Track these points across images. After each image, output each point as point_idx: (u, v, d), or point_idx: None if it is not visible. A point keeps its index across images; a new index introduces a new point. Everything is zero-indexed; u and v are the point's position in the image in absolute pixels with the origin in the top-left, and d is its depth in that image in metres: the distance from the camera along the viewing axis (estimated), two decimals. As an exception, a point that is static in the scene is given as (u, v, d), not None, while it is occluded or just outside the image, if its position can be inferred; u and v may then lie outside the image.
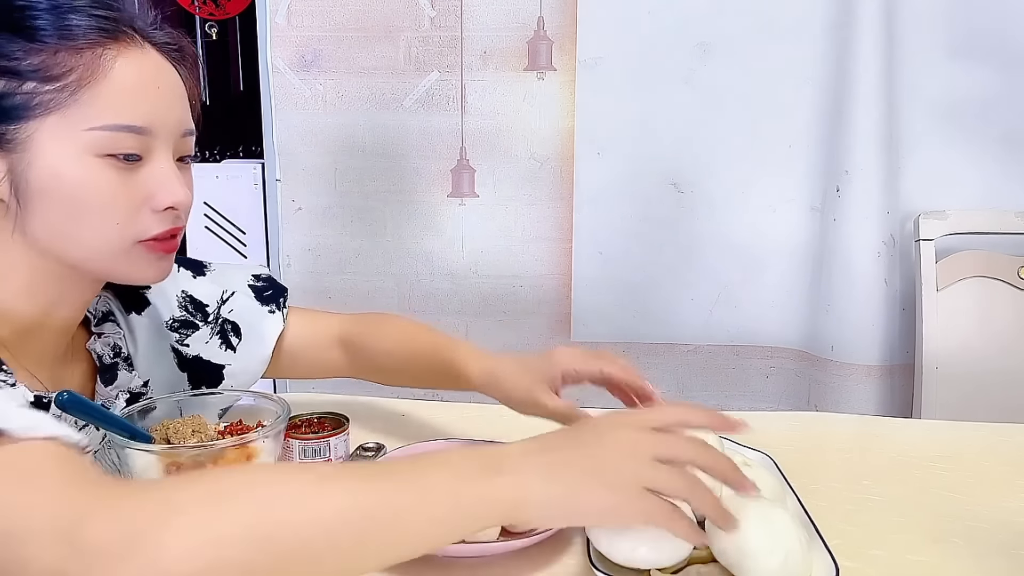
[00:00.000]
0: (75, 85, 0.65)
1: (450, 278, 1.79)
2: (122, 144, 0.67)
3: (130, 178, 0.68)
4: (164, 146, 0.70)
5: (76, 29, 0.66)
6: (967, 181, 1.61)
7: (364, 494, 0.53)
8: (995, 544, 0.72)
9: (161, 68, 0.71)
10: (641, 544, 0.62)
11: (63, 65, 0.65)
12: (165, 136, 0.70)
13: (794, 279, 1.70)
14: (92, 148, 0.66)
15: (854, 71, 1.57)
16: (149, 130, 0.68)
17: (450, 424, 1.02)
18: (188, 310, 0.89)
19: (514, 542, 0.68)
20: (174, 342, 0.87)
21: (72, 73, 0.65)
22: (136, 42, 0.69)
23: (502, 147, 1.73)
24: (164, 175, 0.70)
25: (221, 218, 2.02)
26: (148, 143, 0.69)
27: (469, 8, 1.69)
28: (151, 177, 0.69)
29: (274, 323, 0.93)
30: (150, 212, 0.70)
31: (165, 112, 0.70)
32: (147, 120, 0.68)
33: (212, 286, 0.91)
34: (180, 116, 0.72)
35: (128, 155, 0.67)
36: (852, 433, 1.08)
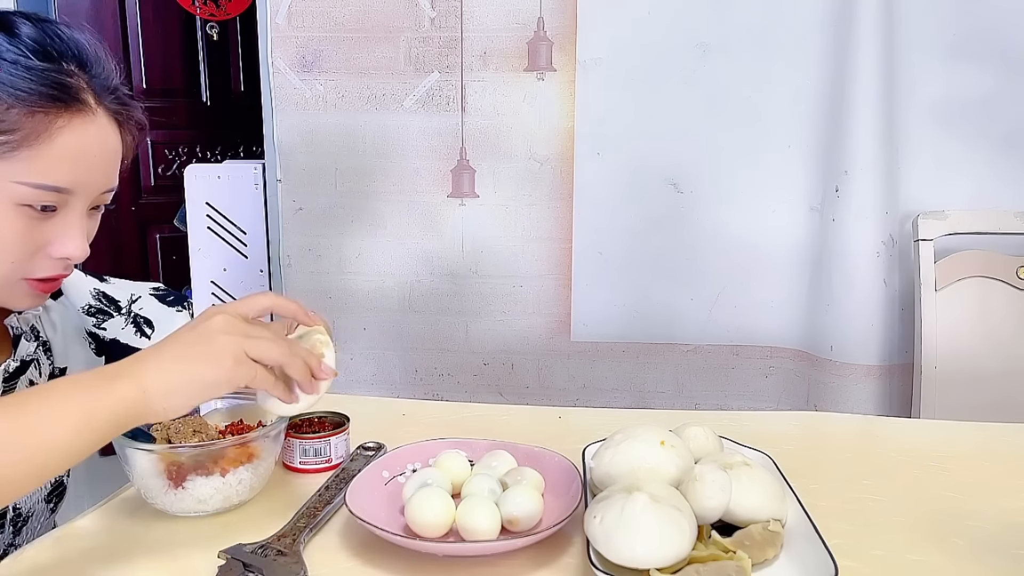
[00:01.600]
0: (16, 144, 0.68)
1: (450, 278, 1.79)
2: (42, 199, 0.70)
3: (38, 225, 0.72)
4: (80, 203, 0.74)
5: (32, 93, 0.68)
6: (966, 181, 1.62)
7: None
8: (995, 544, 0.72)
9: (105, 135, 0.74)
10: (640, 544, 0.62)
11: (13, 123, 0.68)
12: (84, 196, 0.74)
13: (793, 279, 1.70)
14: (13, 198, 0.69)
15: (854, 71, 1.57)
16: (71, 191, 0.72)
17: (450, 424, 1.02)
18: (102, 301, 0.96)
19: (514, 542, 0.68)
20: (91, 326, 0.94)
21: (18, 132, 0.68)
22: (88, 109, 0.72)
23: (502, 147, 1.73)
24: (69, 227, 0.73)
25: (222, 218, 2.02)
26: (66, 199, 0.72)
27: (469, 8, 1.69)
28: (56, 227, 0.73)
29: (183, 319, 1.00)
30: (44, 256, 0.74)
31: (94, 178, 0.74)
32: (73, 183, 0.72)
33: (119, 290, 0.99)
34: (106, 179, 0.76)
35: (44, 206, 0.71)
36: (852, 433, 1.08)
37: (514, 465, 0.80)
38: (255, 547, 0.68)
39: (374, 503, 0.74)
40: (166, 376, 0.64)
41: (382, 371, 1.82)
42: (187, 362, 0.65)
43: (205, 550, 0.68)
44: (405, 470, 0.81)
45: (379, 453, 0.88)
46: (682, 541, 0.63)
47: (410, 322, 1.81)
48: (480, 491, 0.73)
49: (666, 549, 0.62)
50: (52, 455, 0.60)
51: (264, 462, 0.78)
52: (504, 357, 1.80)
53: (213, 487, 0.74)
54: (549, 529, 0.68)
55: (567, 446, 0.83)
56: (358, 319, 1.82)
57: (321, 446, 0.85)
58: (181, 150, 2.86)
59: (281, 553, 0.67)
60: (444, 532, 0.70)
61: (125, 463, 0.75)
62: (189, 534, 0.73)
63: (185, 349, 0.65)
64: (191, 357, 0.65)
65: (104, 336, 0.94)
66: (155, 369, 0.64)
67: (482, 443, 0.85)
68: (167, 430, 0.80)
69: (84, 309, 0.94)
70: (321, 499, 0.77)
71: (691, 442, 0.79)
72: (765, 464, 0.79)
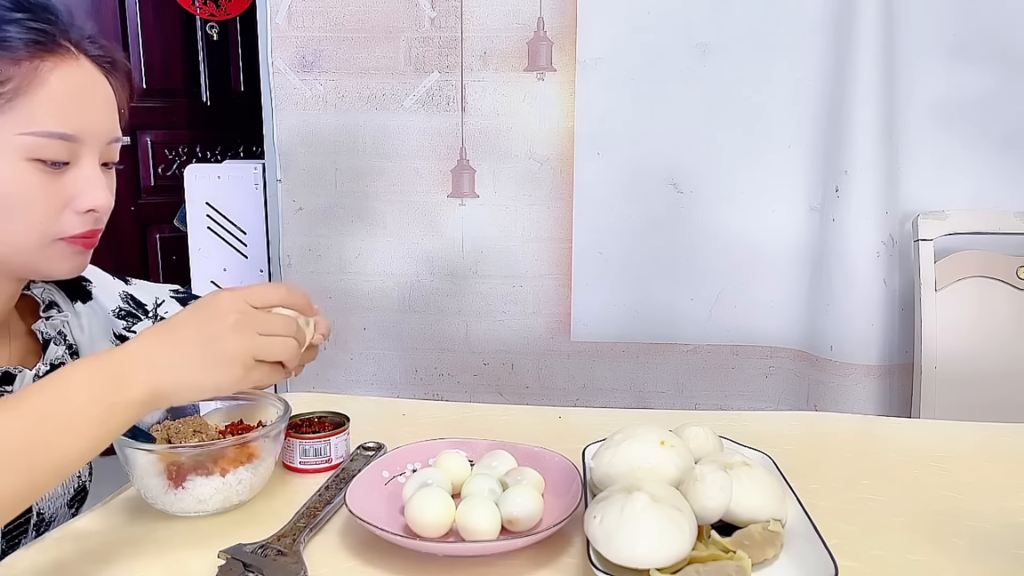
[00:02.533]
0: (11, 93, 0.69)
1: (450, 278, 1.79)
2: (50, 150, 0.71)
3: (55, 181, 0.72)
4: (91, 152, 0.74)
5: (14, 41, 0.70)
6: (966, 181, 1.62)
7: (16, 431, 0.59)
8: (995, 544, 0.72)
9: (94, 79, 0.75)
10: (640, 544, 0.62)
11: (2, 74, 0.69)
12: (92, 143, 0.74)
13: (793, 279, 1.70)
14: (21, 152, 0.70)
15: (854, 71, 1.57)
16: (77, 138, 0.72)
17: (450, 424, 1.02)
18: (130, 304, 0.95)
19: (514, 542, 0.68)
20: (122, 329, 0.93)
21: (10, 82, 0.69)
22: (71, 54, 0.73)
23: (502, 147, 1.73)
24: (87, 179, 0.74)
25: (222, 218, 2.02)
26: (75, 149, 0.73)
27: (469, 9, 1.69)
28: (75, 181, 0.74)
29: None
30: (72, 213, 0.74)
31: (94, 121, 0.74)
32: (76, 128, 0.72)
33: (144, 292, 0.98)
34: (108, 125, 0.76)
35: (55, 161, 0.72)
36: (852, 433, 1.08)
37: (514, 465, 0.80)
38: (255, 547, 0.68)
39: (374, 503, 0.74)
40: (177, 379, 0.64)
41: (382, 371, 1.82)
42: (198, 367, 0.64)
43: (205, 550, 0.68)
44: (405, 470, 0.80)
45: (379, 453, 0.87)
46: (682, 541, 0.63)
47: (410, 322, 1.81)
48: (480, 491, 0.73)
49: (666, 549, 0.62)
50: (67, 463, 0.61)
51: (264, 462, 0.78)
52: (504, 357, 1.80)
53: (213, 487, 0.74)
54: (549, 529, 0.68)
55: (567, 446, 0.83)
56: (358, 319, 1.82)
57: (321, 446, 0.85)
58: (181, 150, 2.87)
59: (281, 553, 0.67)
60: (444, 532, 0.70)
61: (125, 463, 0.75)
62: (189, 534, 0.73)
63: (196, 351, 0.65)
64: (202, 362, 0.65)
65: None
66: (166, 372, 0.64)
67: (482, 443, 0.85)
68: (167, 430, 0.80)
69: (115, 312, 0.93)
70: (321, 499, 0.77)
71: (691, 442, 0.79)
72: (765, 464, 0.79)
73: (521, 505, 0.71)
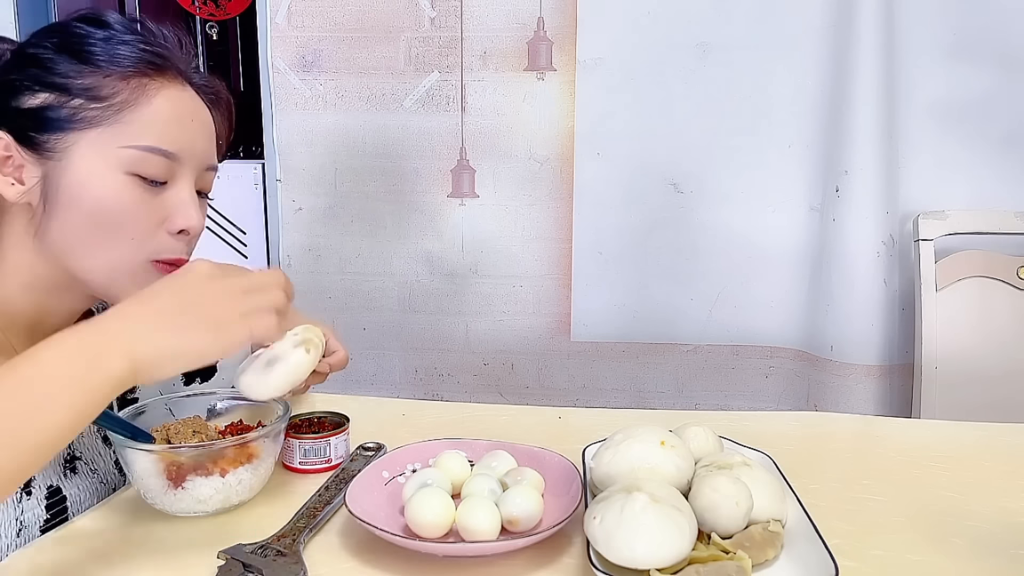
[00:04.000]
0: (119, 106, 0.72)
1: (450, 278, 1.79)
2: (151, 165, 0.73)
3: (152, 199, 0.74)
4: (188, 174, 0.76)
5: (126, 59, 0.73)
6: (966, 181, 1.62)
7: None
8: (995, 544, 0.72)
9: (197, 105, 0.78)
10: (640, 544, 0.62)
11: (111, 87, 0.72)
12: (190, 165, 0.76)
13: (794, 279, 1.70)
14: (123, 165, 0.72)
15: (854, 71, 1.57)
16: (177, 156, 0.74)
17: (450, 424, 1.02)
18: None
19: (514, 542, 0.68)
20: None
21: (118, 96, 0.72)
22: (178, 80, 0.77)
23: (502, 147, 1.73)
24: (183, 200, 0.76)
25: (222, 218, 2.02)
26: (174, 169, 0.75)
27: (469, 8, 1.69)
28: (171, 201, 0.75)
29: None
30: (164, 234, 0.75)
31: (193, 143, 0.76)
32: (177, 147, 0.74)
33: None
34: (207, 149, 0.79)
35: (154, 180, 0.74)
36: (852, 433, 1.08)
37: (514, 465, 0.80)
38: (255, 547, 0.68)
39: (374, 503, 0.74)
40: (157, 348, 0.62)
41: (382, 371, 1.82)
42: (179, 330, 0.62)
43: (205, 550, 0.68)
44: (405, 470, 0.80)
45: (379, 453, 0.87)
46: (682, 541, 0.63)
47: (410, 322, 1.81)
48: (480, 491, 0.73)
49: (666, 549, 0.62)
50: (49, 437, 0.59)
51: (264, 462, 0.78)
52: (504, 357, 1.80)
53: (213, 487, 0.74)
54: (549, 530, 0.68)
55: (567, 446, 0.83)
56: (358, 319, 1.82)
57: (321, 446, 0.85)
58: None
59: (281, 553, 0.67)
60: (444, 532, 0.70)
61: (125, 463, 0.75)
62: (189, 534, 0.73)
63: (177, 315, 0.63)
64: (184, 325, 0.62)
65: None
66: (145, 341, 0.61)
67: (482, 443, 0.85)
68: (167, 430, 0.80)
69: None
70: (321, 499, 0.77)
71: (691, 442, 0.79)
72: (765, 464, 0.79)
73: (521, 505, 0.71)
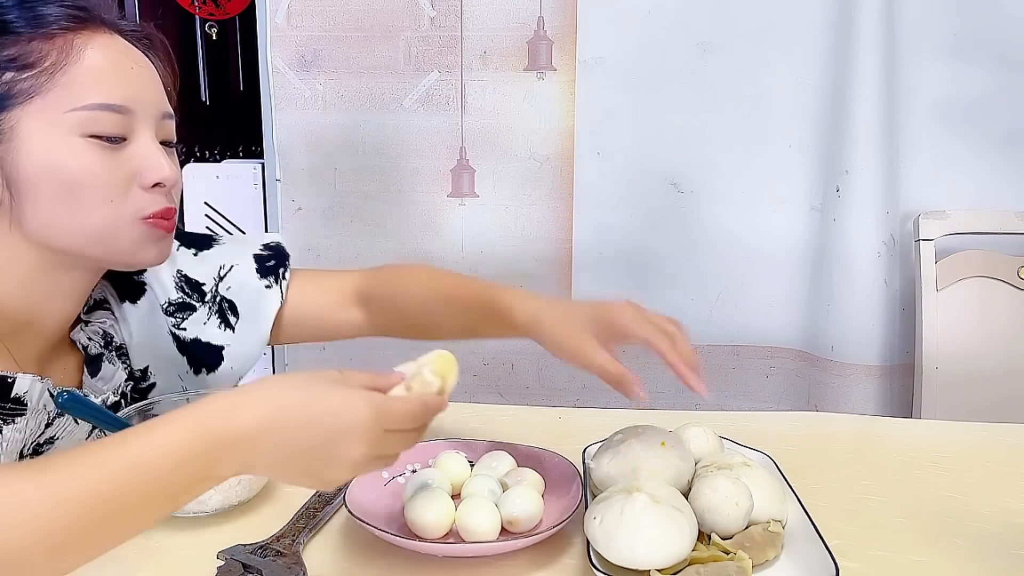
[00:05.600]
0: (51, 69, 0.68)
1: (450, 278, 1.79)
2: (104, 123, 0.69)
3: (116, 157, 0.70)
4: (145, 126, 0.72)
5: (46, 18, 0.69)
6: (967, 181, 1.61)
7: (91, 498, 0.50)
8: (995, 544, 0.72)
9: (133, 53, 0.74)
10: (640, 544, 0.62)
11: (37, 52, 0.68)
12: (144, 116, 0.72)
13: (794, 279, 1.70)
14: (76, 129, 0.68)
15: (854, 71, 1.57)
16: (128, 108, 0.71)
17: (450, 424, 1.02)
18: (184, 291, 0.88)
19: (514, 542, 0.68)
20: (171, 327, 0.87)
21: (46, 59, 0.68)
22: (105, 31, 0.72)
23: (502, 147, 1.73)
24: (147, 152, 0.72)
25: (221, 218, 2.02)
26: (129, 123, 0.71)
27: (469, 8, 1.68)
28: (135, 156, 0.72)
29: (272, 298, 0.91)
30: (139, 190, 0.72)
31: (141, 92, 0.73)
32: (125, 99, 0.70)
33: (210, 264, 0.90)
34: (157, 97, 0.75)
35: (111, 136, 0.70)
36: (852, 433, 1.08)
37: (514, 466, 0.80)
38: (254, 547, 0.68)
39: (374, 503, 0.74)
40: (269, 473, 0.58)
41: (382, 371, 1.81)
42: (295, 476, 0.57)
43: (204, 550, 0.67)
44: (405, 470, 0.80)
45: (379, 453, 0.87)
46: (682, 542, 0.63)
47: (410, 322, 1.81)
48: (480, 492, 0.73)
49: (666, 550, 0.62)
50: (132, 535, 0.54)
51: None
52: (504, 357, 1.79)
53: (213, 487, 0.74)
54: (549, 530, 0.68)
55: (567, 446, 0.83)
56: (358, 319, 1.81)
57: (321, 446, 0.85)
58: (180, 149, 2.85)
59: (280, 554, 0.67)
60: (444, 533, 0.70)
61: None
62: (189, 534, 0.73)
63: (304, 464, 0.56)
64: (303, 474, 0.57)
65: (184, 337, 0.87)
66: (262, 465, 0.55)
67: (482, 443, 0.85)
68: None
69: (164, 307, 0.87)
70: (321, 499, 0.77)
71: (691, 442, 0.80)
72: (765, 464, 0.79)
73: (521, 506, 0.71)
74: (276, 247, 0.95)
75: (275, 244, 0.96)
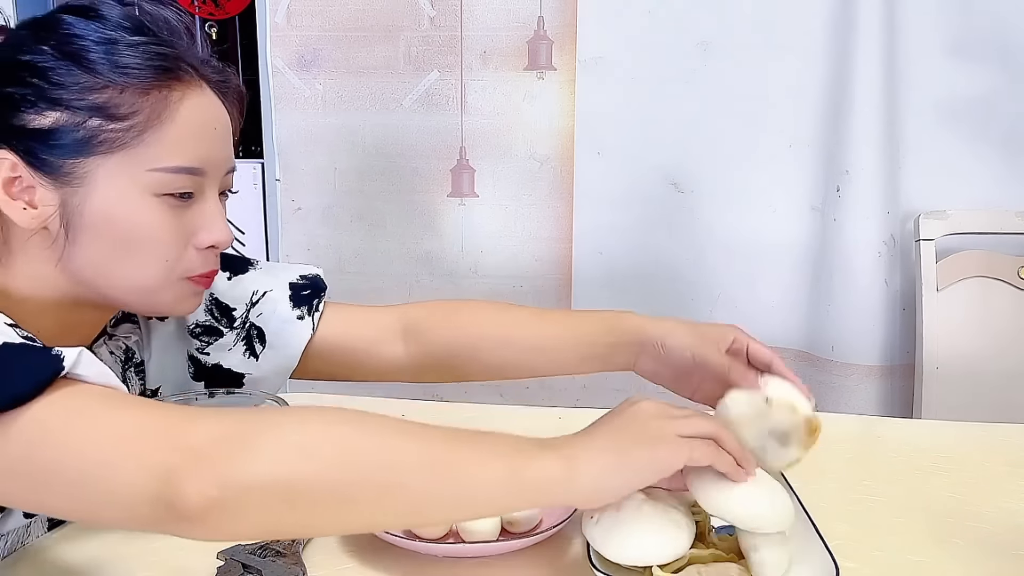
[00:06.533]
0: (142, 126, 0.65)
1: (450, 278, 1.79)
2: (180, 183, 0.67)
3: (180, 215, 0.68)
4: (212, 184, 0.71)
5: (141, 67, 0.65)
6: (967, 181, 1.61)
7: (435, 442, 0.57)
8: (995, 544, 0.72)
9: (218, 109, 0.71)
10: (638, 540, 0.62)
11: (130, 105, 0.65)
12: (215, 175, 0.71)
13: (794, 279, 1.70)
14: (152, 188, 0.66)
15: (854, 71, 1.57)
16: (204, 171, 0.69)
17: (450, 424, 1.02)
18: (214, 315, 0.86)
19: (514, 542, 0.68)
20: (194, 350, 0.85)
21: (139, 114, 0.65)
22: (196, 81, 0.69)
23: (502, 147, 1.73)
24: (211, 213, 0.70)
25: (221, 218, 2.02)
26: (201, 183, 0.69)
27: (469, 8, 1.68)
28: (198, 214, 0.70)
29: (303, 329, 0.87)
30: (193, 250, 0.70)
31: (217, 152, 0.71)
32: (203, 161, 0.69)
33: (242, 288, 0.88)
34: (228, 155, 0.73)
35: (184, 193, 0.68)
36: (852, 433, 1.08)
37: (514, 465, 0.79)
38: (254, 547, 0.68)
39: (373, 503, 0.74)
40: (595, 457, 0.58)
41: (382, 371, 1.81)
42: (618, 448, 0.59)
43: (204, 550, 0.67)
44: (405, 470, 0.80)
45: (378, 453, 0.87)
46: (680, 538, 0.63)
47: (410, 322, 1.80)
48: (480, 491, 0.73)
49: (664, 546, 0.62)
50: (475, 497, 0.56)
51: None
52: (504, 357, 1.79)
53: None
54: (549, 530, 0.68)
55: (567, 446, 0.82)
56: (358, 319, 1.81)
57: (320, 446, 0.85)
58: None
59: (280, 554, 0.67)
60: (444, 532, 0.70)
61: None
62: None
63: (615, 436, 0.60)
64: (622, 443, 0.59)
65: (207, 362, 0.85)
66: (583, 450, 0.58)
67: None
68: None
69: (191, 329, 0.85)
70: (320, 499, 0.77)
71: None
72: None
73: (521, 506, 0.70)
74: (314, 278, 0.92)
75: (313, 275, 0.93)
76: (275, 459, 0.51)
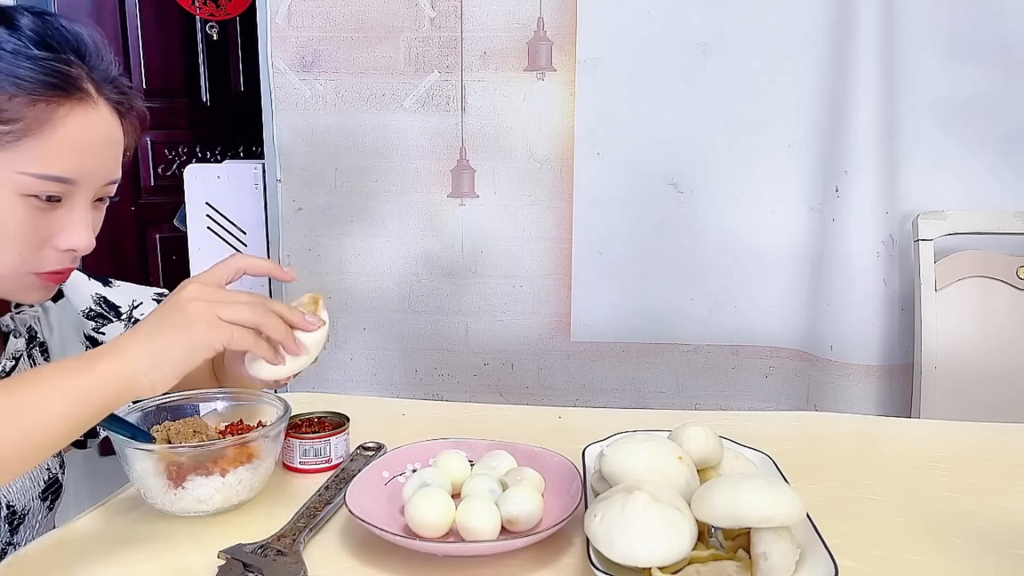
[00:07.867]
0: (20, 133, 0.68)
1: (450, 278, 1.79)
2: (46, 188, 0.71)
3: (43, 216, 0.72)
4: (85, 193, 0.74)
5: (32, 81, 0.69)
6: (966, 181, 1.61)
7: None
8: (995, 544, 0.72)
9: (108, 126, 0.74)
10: (641, 542, 0.62)
11: (15, 112, 0.68)
12: (89, 186, 0.74)
13: (793, 279, 1.70)
14: (18, 188, 0.70)
15: (853, 71, 1.57)
16: (75, 181, 0.72)
17: (450, 424, 1.02)
18: (102, 307, 0.94)
19: (514, 542, 0.68)
20: (91, 330, 0.92)
21: (21, 122, 0.68)
22: (90, 99, 0.72)
23: (502, 147, 1.73)
24: (76, 219, 0.74)
25: (222, 218, 2.02)
26: (71, 190, 0.73)
27: (469, 8, 1.69)
28: (64, 218, 0.73)
29: None
30: (51, 249, 0.74)
31: (97, 167, 0.74)
32: (77, 174, 0.72)
33: (124, 293, 0.97)
34: (110, 169, 0.76)
35: (48, 197, 0.71)
36: (852, 433, 1.08)
37: (514, 465, 0.80)
38: (255, 547, 0.68)
39: (374, 503, 0.74)
40: (143, 349, 0.66)
41: (382, 371, 1.82)
42: (161, 334, 0.67)
43: (205, 550, 0.68)
44: (405, 470, 0.80)
45: (379, 453, 0.87)
46: (682, 540, 0.63)
47: (410, 322, 1.81)
48: (480, 491, 0.73)
49: (666, 548, 0.62)
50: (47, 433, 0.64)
51: (264, 462, 0.77)
52: (504, 357, 1.80)
53: (213, 487, 0.74)
54: (549, 529, 0.68)
55: (567, 446, 0.83)
56: (358, 319, 1.82)
57: (321, 446, 0.85)
58: (181, 150, 2.86)
59: (281, 553, 0.67)
60: (444, 532, 0.70)
61: (125, 463, 0.75)
62: (189, 534, 0.73)
63: (158, 323, 0.68)
64: (164, 328, 0.67)
65: (102, 341, 0.92)
66: (132, 345, 0.66)
67: (482, 443, 0.85)
68: (167, 430, 0.80)
69: (84, 312, 0.93)
70: (321, 499, 0.77)
71: (691, 442, 0.79)
72: (765, 464, 0.79)
73: (521, 505, 0.71)
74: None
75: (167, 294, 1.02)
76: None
